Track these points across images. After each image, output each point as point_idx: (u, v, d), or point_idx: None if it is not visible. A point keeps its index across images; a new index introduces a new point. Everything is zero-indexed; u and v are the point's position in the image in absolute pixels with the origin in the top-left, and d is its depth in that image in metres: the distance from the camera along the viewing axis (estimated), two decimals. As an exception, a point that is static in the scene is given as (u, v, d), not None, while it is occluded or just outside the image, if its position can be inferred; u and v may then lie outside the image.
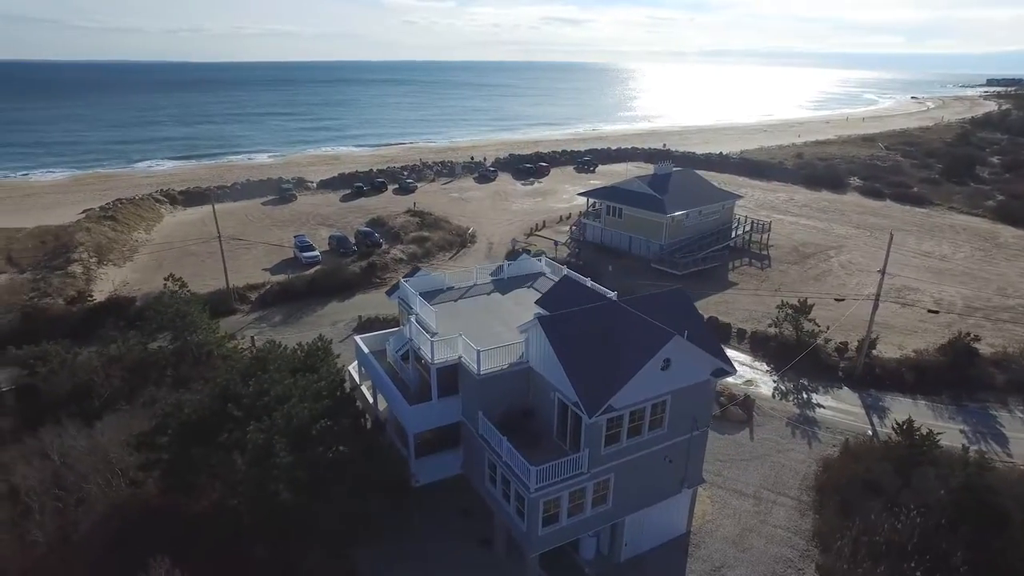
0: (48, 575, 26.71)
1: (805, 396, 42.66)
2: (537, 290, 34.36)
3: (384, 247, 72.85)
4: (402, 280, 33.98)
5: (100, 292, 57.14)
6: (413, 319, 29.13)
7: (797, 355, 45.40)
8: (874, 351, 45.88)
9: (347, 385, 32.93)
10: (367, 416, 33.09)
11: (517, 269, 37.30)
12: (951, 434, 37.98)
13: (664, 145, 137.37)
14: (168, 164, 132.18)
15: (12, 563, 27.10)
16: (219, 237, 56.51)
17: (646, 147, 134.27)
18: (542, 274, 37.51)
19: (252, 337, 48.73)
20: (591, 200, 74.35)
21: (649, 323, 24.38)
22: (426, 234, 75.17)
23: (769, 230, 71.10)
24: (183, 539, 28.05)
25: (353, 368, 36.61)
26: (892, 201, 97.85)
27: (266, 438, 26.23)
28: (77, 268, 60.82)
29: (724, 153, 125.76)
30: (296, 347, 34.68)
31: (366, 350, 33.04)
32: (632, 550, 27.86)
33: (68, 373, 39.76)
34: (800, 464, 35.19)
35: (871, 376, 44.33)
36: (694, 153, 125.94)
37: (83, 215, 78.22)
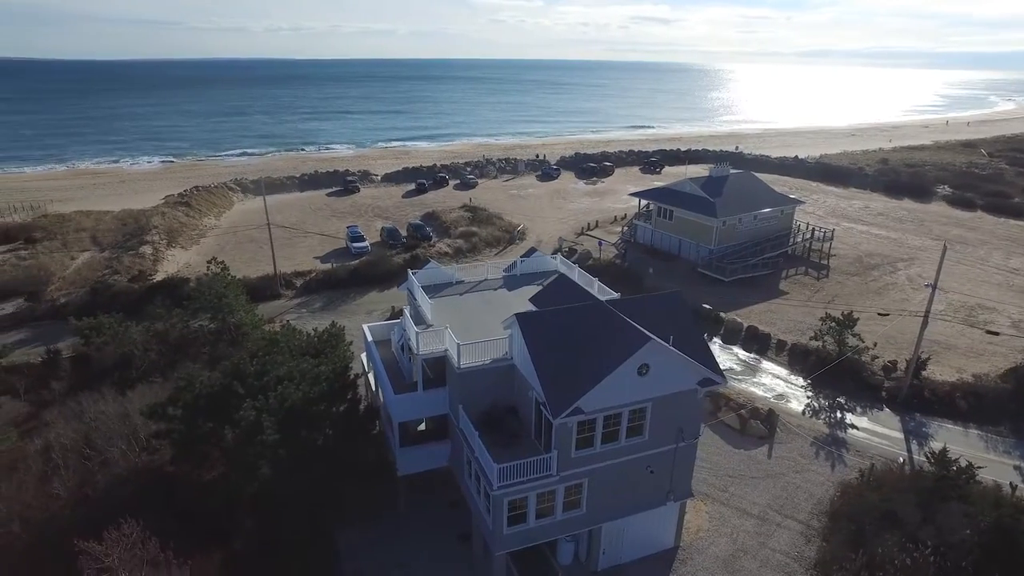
0: (63, 526, 28.75)
1: (839, 415, 39.95)
2: (547, 288, 33.85)
3: (433, 240, 74.13)
4: (409, 272, 34.39)
5: (164, 272, 61.19)
6: (407, 310, 29.44)
7: (837, 371, 42.71)
8: (924, 372, 42.33)
9: (352, 372, 33.61)
10: (367, 403, 33.75)
11: (530, 266, 36.92)
12: (1002, 469, 34.64)
13: (737, 147, 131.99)
14: (250, 155, 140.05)
15: (35, 512, 29.49)
16: (268, 225, 59.17)
17: (718, 149, 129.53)
18: (556, 272, 36.90)
19: (288, 321, 50.67)
20: (643, 201, 72.57)
21: (628, 326, 23.53)
22: (475, 229, 75.75)
23: (832, 238, 66.95)
24: (188, 506, 29.66)
25: (365, 356, 37.40)
26: (985, 212, 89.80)
27: (256, 416, 27.26)
28: (147, 249, 65.36)
29: (800, 157, 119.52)
30: (312, 332, 35.96)
31: (370, 338, 33.72)
32: (611, 559, 27.02)
33: (117, 345, 42.82)
34: (817, 487, 33.00)
35: (918, 399, 40.96)
36: (768, 156, 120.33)
37: (163, 200, 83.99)
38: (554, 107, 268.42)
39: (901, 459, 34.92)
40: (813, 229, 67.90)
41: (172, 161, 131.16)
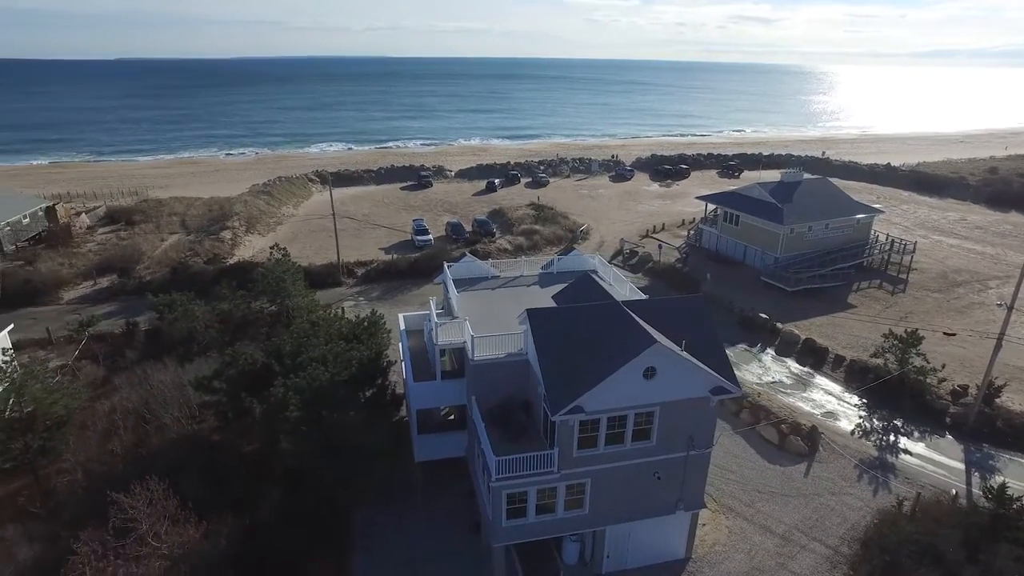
0: (116, 479, 31.37)
1: (892, 438, 37.38)
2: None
3: (496, 236, 75.04)
4: (444, 264, 35.17)
5: (239, 257, 65.21)
6: (432, 301, 30.13)
7: (897, 392, 40.06)
8: (999, 400, 38.87)
9: (387, 359, 34.63)
10: (402, 389, 34.77)
11: (567, 265, 36.84)
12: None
13: (824, 153, 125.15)
14: (336, 148, 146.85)
15: (95, 465, 32.45)
16: (333, 215, 61.90)
17: (803, 154, 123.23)
18: (593, 271, 36.70)
19: (342, 307, 52.76)
20: (710, 205, 70.41)
21: (636, 327, 23.13)
22: (537, 228, 76.07)
23: (913, 251, 62.39)
24: (225, 473, 31.72)
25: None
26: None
27: (284, 393, 28.76)
28: (227, 234, 69.89)
29: (893, 164, 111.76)
30: (355, 319, 37.49)
31: (403, 327, 34.69)
32: (616, 564, 26.64)
33: (184, 321, 46.18)
34: (853, 512, 31.06)
35: (989, 428, 37.69)
36: (857, 163, 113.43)
37: (247, 189, 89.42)
38: (639, 108, 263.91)
39: (954, 491, 32.25)
40: (893, 240, 63.53)
41: (264, 152, 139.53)
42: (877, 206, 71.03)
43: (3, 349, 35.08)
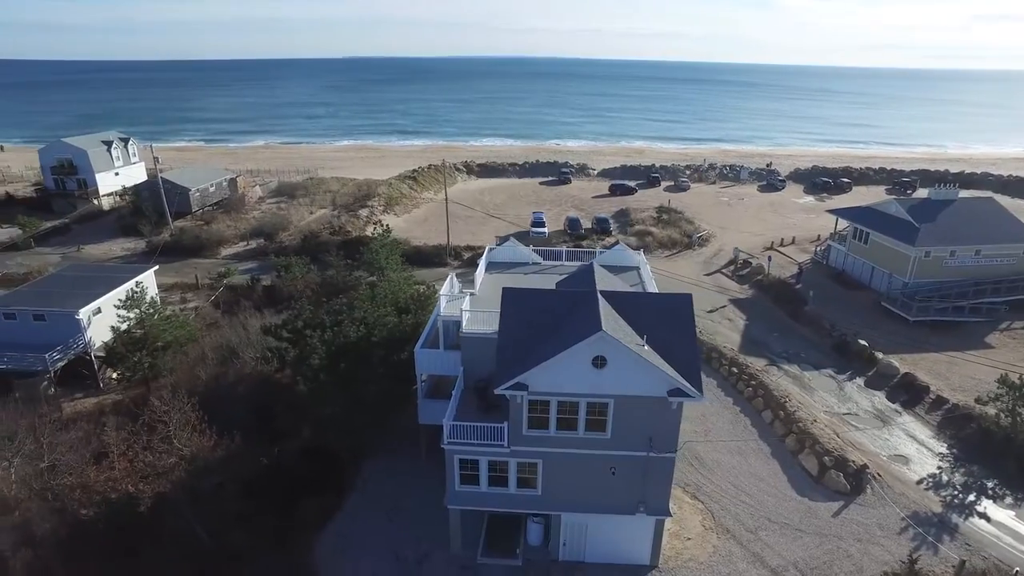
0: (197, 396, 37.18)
1: (971, 498, 32.00)
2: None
3: (611, 234, 74.82)
4: (487, 247, 36.74)
5: (370, 232, 71.88)
6: (452, 276, 31.97)
7: (1003, 449, 34.21)
8: None
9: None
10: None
11: (610, 259, 36.61)
12: None
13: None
14: (499, 141, 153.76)
15: (185, 386, 38.79)
16: (446, 201, 66.18)
17: (1005, 174, 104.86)
18: (636, 267, 36.14)
19: (432, 284, 56.31)
20: (841, 221, 63.79)
21: (593, 315, 22.93)
22: (652, 230, 74.59)
23: (1097, 293, 51.47)
24: (277, 408, 36.35)
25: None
26: None
27: (313, 343, 32.40)
28: (365, 212, 77.46)
29: None
30: (415, 292, 40.78)
31: (441, 300, 36.79)
32: (572, 553, 26.44)
33: (290, 281, 52.80)
34: (875, 564, 27.43)
35: (1111, 510, 30.80)
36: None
37: (398, 174, 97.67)
38: (826, 118, 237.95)
39: (1016, 570, 27.00)
40: (1070, 278, 52.88)
41: (434, 143, 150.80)
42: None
43: (137, 282, 43.04)
